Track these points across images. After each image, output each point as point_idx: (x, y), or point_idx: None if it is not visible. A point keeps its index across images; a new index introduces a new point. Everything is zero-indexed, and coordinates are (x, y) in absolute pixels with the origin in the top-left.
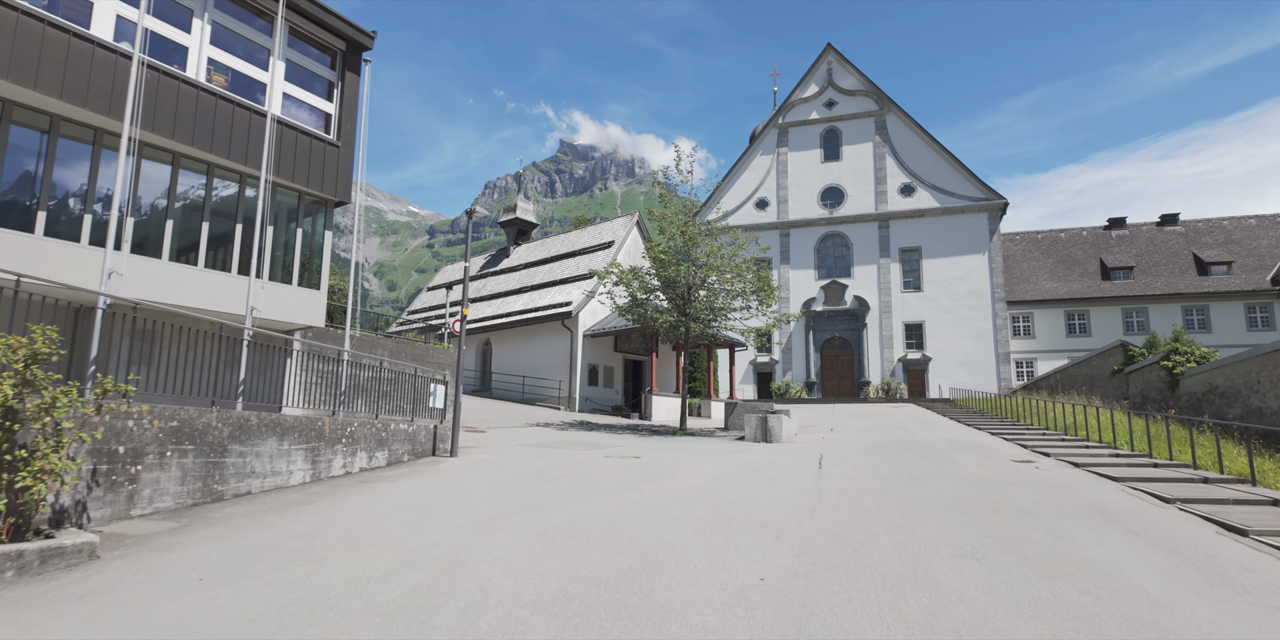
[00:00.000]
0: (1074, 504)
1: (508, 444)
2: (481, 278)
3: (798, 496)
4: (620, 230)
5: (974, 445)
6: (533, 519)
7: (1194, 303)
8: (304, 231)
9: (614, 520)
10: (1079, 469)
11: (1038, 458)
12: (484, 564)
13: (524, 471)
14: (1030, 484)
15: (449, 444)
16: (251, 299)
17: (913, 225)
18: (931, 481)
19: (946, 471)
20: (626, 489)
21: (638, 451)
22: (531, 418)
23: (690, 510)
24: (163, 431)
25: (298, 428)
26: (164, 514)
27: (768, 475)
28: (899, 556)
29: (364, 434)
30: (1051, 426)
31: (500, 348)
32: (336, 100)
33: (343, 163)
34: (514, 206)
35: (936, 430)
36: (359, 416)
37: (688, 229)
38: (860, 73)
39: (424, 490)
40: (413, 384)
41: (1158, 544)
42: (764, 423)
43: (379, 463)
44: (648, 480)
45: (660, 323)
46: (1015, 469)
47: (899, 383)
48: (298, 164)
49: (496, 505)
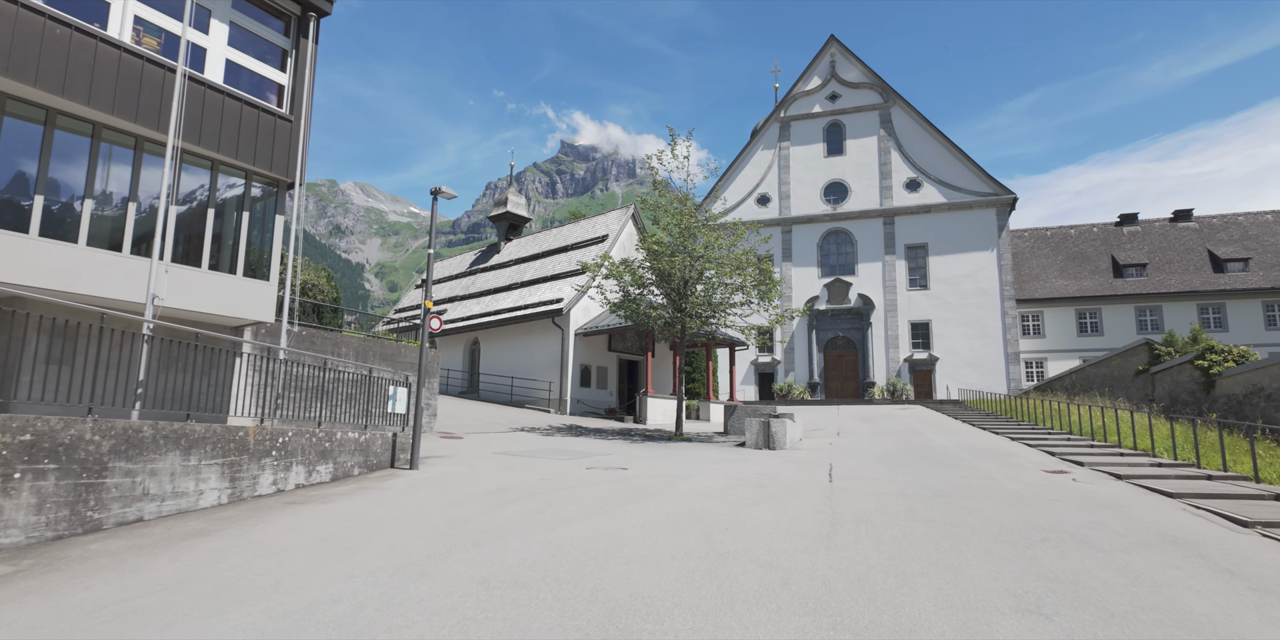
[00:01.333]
0: (1136, 529)
1: (482, 453)
2: (471, 274)
3: (808, 521)
4: (615, 223)
5: (996, 452)
6: (477, 558)
7: (1210, 301)
8: (252, 216)
9: (580, 559)
10: (1122, 481)
11: (1070, 467)
12: (389, 632)
13: (488, 488)
14: (1075, 502)
15: (419, 453)
16: (154, 285)
17: (919, 221)
18: (961, 499)
19: (975, 486)
20: (604, 512)
21: (626, 461)
22: (517, 422)
23: (678, 543)
24: (7, 448)
25: (210, 439)
26: (7, 552)
27: (771, 491)
28: (945, 613)
29: (301, 445)
30: (1075, 431)
31: (489, 347)
32: (290, 70)
33: (292, 140)
34: (505, 200)
35: (951, 435)
36: (300, 424)
37: (684, 219)
38: (864, 65)
39: (359, 514)
40: (367, 386)
41: (1266, 588)
42: (766, 428)
43: (321, 478)
44: (631, 499)
45: (654, 319)
46: (1051, 482)
47: (905, 384)
48: (242, 139)
49: (438, 537)
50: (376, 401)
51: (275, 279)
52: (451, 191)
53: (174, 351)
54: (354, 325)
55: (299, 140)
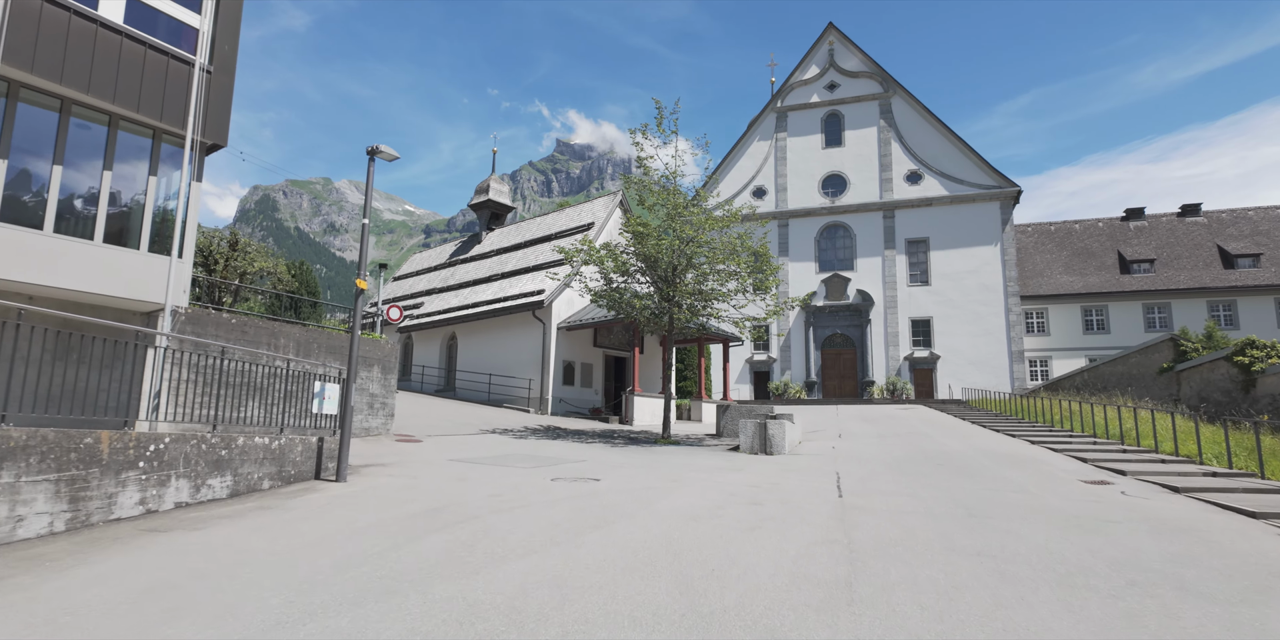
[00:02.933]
0: (1239, 566)
1: (436, 459)
2: (450, 266)
3: (819, 557)
4: (602, 211)
5: (1019, 458)
6: (346, 629)
7: (1220, 298)
8: (161, 181)
9: (501, 627)
10: (1180, 495)
11: (1111, 477)
12: None
13: (420, 508)
14: (1140, 524)
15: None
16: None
17: (920, 215)
18: (1002, 520)
19: (1011, 502)
20: (554, 544)
21: (601, 469)
22: (491, 423)
23: (645, 595)
24: None
25: (38, 448)
26: None
27: (770, 511)
28: None
29: (185, 453)
30: (1101, 434)
31: (467, 343)
32: (209, 13)
33: (215, 94)
34: (487, 187)
35: (963, 437)
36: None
37: (671, 197)
38: (864, 53)
39: (227, 549)
40: (285, 382)
41: None
42: (762, 430)
43: (214, 494)
44: (595, 524)
45: (639, 310)
46: (1097, 496)
47: (905, 383)
48: (147, 90)
49: (309, 590)
50: (296, 400)
51: (190, 256)
52: (393, 151)
53: (63, 343)
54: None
55: (221, 94)
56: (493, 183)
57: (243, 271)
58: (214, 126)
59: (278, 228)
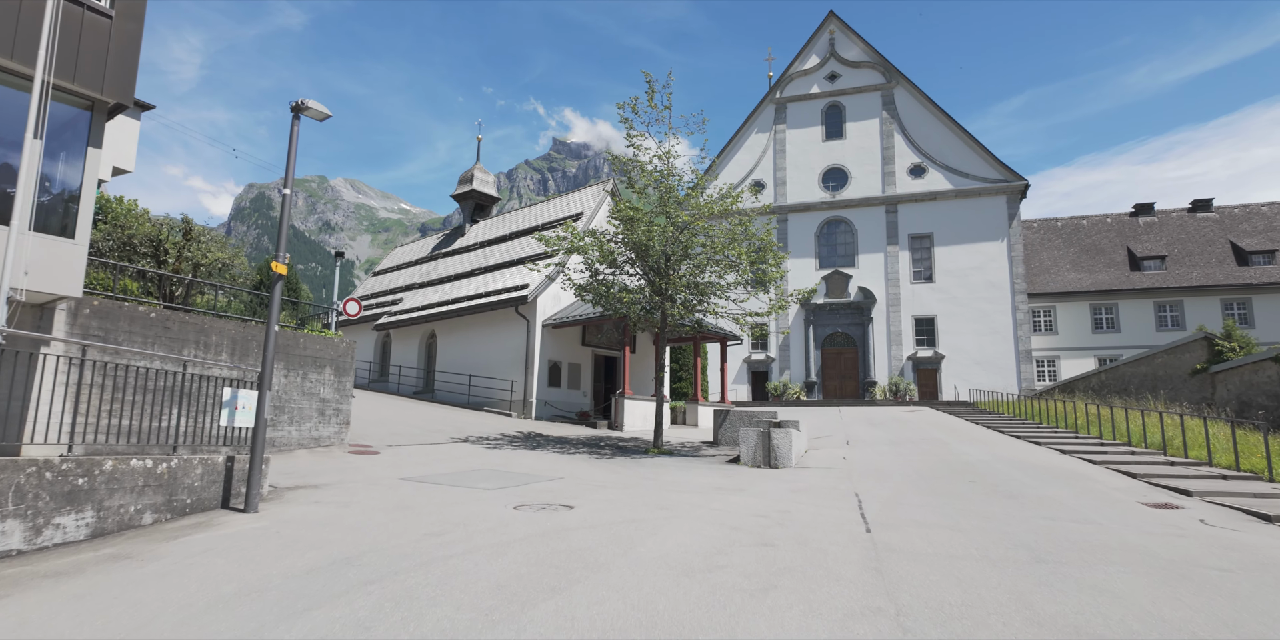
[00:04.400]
0: None
1: (385, 478)
2: (431, 260)
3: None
4: (591, 200)
5: (1056, 472)
6: None
7: (1234, 295)
8: (50, 146)
9: None
10: (1275, 525)
11: (1177, 498)
12: None
13: (322, 559)
14: (1260, 573)
15: (259, 488)
16: None
17: (923, 209)
18: (1078, 568)
19: (1077, 538)
20: (489, 624)
21: (578, 491)
22: (466, 429)
23: None
24: None
25: None
26: None
27: (785, 559)
28: None
29: (16, 483)
30: (1137, 443)
31: (446, 342)
32: None
33: (119, 44)
34: (470, 177)
35: (982, 444)
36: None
37: (666, 180)
38: (865, 42)
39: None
40: (181, 389)
41: None
42: (765, 440)
43: (68, 536)
44: (551, 587)
45: (629, 304)
46: (1177, 527)
47: (909, 383)
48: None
49: None
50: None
51: (86, 237)
52: (323, 108)
53: None
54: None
55: (127, 45)
56: (476, 172)
57: (196, 263)
58: (115, 81)
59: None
